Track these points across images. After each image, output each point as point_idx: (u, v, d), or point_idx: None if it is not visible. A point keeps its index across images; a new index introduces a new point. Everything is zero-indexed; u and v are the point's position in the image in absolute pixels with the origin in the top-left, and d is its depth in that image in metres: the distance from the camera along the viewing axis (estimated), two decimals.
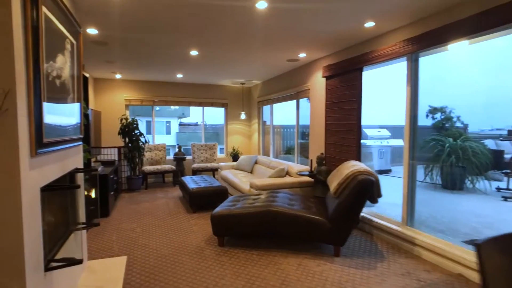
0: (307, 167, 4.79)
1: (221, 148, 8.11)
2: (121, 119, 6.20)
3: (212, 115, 9.52)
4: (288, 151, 8.09)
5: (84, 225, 2.54)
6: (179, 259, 3.00)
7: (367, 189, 2.89)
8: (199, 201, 4.63)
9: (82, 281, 2.45)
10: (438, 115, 7.18)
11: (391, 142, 8.35)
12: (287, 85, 5.87)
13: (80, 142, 2.52)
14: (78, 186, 1.94)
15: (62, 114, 1.98)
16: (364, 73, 3.85)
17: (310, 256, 3.06)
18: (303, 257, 3.04)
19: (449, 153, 5.60)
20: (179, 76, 6.43)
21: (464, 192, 5.48)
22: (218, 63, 5.14)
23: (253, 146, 7.84)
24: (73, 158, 2.33)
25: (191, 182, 5.10)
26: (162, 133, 18.06)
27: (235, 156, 7.47)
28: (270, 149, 7.15)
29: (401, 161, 3.39)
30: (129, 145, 6.09)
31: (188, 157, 7.36)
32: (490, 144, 5.92)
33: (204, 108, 7.78)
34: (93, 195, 4.04)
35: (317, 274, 2.69)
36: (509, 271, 1.28)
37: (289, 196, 3.67)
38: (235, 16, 3.01)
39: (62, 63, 1.99)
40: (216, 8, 2.82)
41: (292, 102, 5.83)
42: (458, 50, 2.91)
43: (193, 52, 4.38)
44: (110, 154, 6.08)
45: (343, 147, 4.13)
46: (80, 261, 1.84)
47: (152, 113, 7.42)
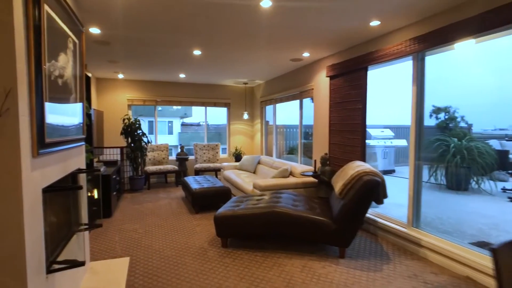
0: (311, 168, 4.76)
1: (224, 148, 8.08)
2: (124, 119, 6.19)
3: (214, 115, 9.49)
4: (291, 151, 8.06)
5: (87, 226, 2.52)
6: (182, 261, 2.97)
7: (373, 190, 2.86)
8: (202, 202, 4.60)
9: (85, 283, 2.43)
10: (442, 115, 7.13)
11: (395, 142, 8.30)
12: (290, 85, 5.83)
13: (83, 142, 2.50)
14: (81, 187, 1.92)
15: (65, 114, 1.96)
16: (368, 73, 3.80)
17: (315, 258, 3.03)
18: (308, 259, 3.00)
19: (454, 154, 5.55)
20: (182, 76, 6.41)
21: (469, 193, 5.43)
22: (221, 63, 5.11)
23: (256, 146, 7.81)
24: (76, 159, 2.31)
25: (194, 183, 5.07)
26: (164, 133, 18.05)
27: (238, 156, 7.44)
28: (273, 149, 7.11)
29: (405, 162, 3.36)
30: (132, 145, 6.08)
31: (191, 157, 7.33)
32: (495, 144, 5.87)
33: (207, 108, 7.76)
34: (96, 196, 4.02)
35: (322, 276, 2.65)
36: None
37: (293, 197, 3.64)
38: (239, 15, 2.98)
39: (65, 62, 1.97)
40: (220, 7, 2.78)
41: (295, 102, 5.79)
42: (465, 49, 2.86)
43: (196, 52, 4.35)
44: (113, 154, 6.06)
45: (347, 147, 4.09)
46: (83, 263, 1.82)
47: (155, 113, 7.40)
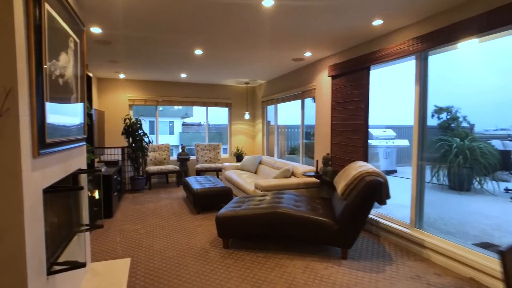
0: (313, 168, 4.73)
1: (225, 148, 8.06)
2: (125, 119, 6.17)
3: (215, 115, 9.47)
4: (293, 151, 8.04)
5: (88, 227, 2.50)
6: (184, 261, 2.95)
7: (376, 191, 2.83)
8: (203, 202, 4.58)
9: (85, 284, 2.41)
10: (444, 115, 7.10)
11: (397, 142, 8.26)
12: (292, 85, 5.81)
13: (84, 143, 2.49)
14: (82, 188, 1.90)
15: (65, 114, 1.94)
16: (370, 73, 3.78)
17: (317, 259, 3.01)
18: (310, 260, 2.98)
19: (457, 154, 5.52)
20: (183, 76, 6.39)
21: (472, 193, 5.40)
22: (223, 63, 5.10)
23: (257, 146, 7.79)
24: (77, 159, 2.29)
25: (195, 183, 5.05)
26: (165, 133, 18.05)
27: (239, 157, 7.43)
28: (275, 149, 7.09)
29: (407, 162, 3.34)
30: (133, 145, 6.07)
31: (192, 157, 7.32)
32: (497, 145, 5.84)
33: (208, 108, 7.75)
34: (97, 196, 4.01)
35: (325, 278, 2.63)
36: None
37: (295, 197, 3.62)
38: (241, 14, 2.96)
39: (66, 62, 1.95)
40: (222, 6, 2.77)
41: (297, 102, 5.77)
42: (468, 49, 2.84)
43: (198, 52, 4.33)
44: (114, 155, 6.05)
45: (350, 148, 4.06)
46: (84, 265, 1.80)
47: (156, 113, 7.39)
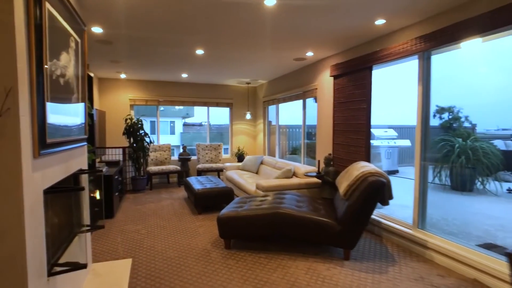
0: (314, 168, 4.71)
1: (226, 148, 8.04)
2: (126, 119, 6.17)
3: (216, 115, 9.47)
4: (294, 152, 8.02)
5: (89, 228, 2.49)
6: (185, 262, 2.93)
7: (378, 191, 2.81)
8: (205, 202, 4.56)
9: (87, 285, 2.40)
10: (446, 115, 7.08)
11: (398, 143, 8.23)
12: (294, 85, 5.79)
13: (85, 143, 2.47)
14: (83, 188, 1.89)
15: (66, 114, 1.93)
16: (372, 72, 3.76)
17: (319, 260, 2.99)
18: (312, 261, 2.96)
19: (459, 154, 5.49)
20: (184, 76, 6.38)
21: (474, 194, 5.37)
22: (224, 62, 5.08)
23: (259, 147, 7.77)
24: (78, 159, 2.28)
25: (196, 183, 5.04)
26: (166, 133, 18.06)
27: (240, 157, 7.41)
28: (276, 150, 7.07)
29: (408, 162, 3.32)
30: (134, 145, 6.05)
31: (193, 158, 7.31)
32: (499, 145, 5.81)
33: (209, 108, 7.73)
34: (98, 197, 3.99)
35: (327, 279, 2.61)
36: None
37: (297, 198, 3.60)
38: (243, 14, 2.94)
39: (66, 61, 1.94)
40: (223, 6, 2.75)
41: (298, 102, 5.75)
42: (471, 48, 2.82)
43: (199, 51, 4.32)
44: (115, 155, 6.04)
45: (352, 148, 4.04)
46: (85, 266, 1.79)
47: (157, 113, 7.38)
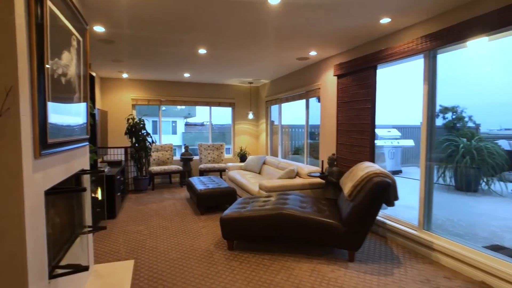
0: (318, 168, 4.68)
1: (228, 148, 8.01)
2: (128, 119, 6.14)
3: (218, 115, 9.44)
4: (296, 152, 7.98)
5: (91, 229, 2.47)
6: (188, 264, 2.90)
7: (384, 192, 2.77)
8: (207, 203, 4.53)
9: (88, 286, 2.37)
10: (449, 115, 7.02)
11: (401, 143, 8.18)
12: (297, 84, 5.75)
13: (87, 143, 2.45)
14: (84, 189, 1.86)
15: (68, 114, 1.90)
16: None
17: (324, 261, 2.95)
18: (317, 262, 2.92)
19: (463, 154, 5.44)
20: (186, 76, 6.35)
21: (479, 194, 5.31)
22: (226, 62, 5.05)
23: (261, 146, 7.74)
24: (80, 159, 2.25)
25: (199, 183, 5.01)
26: (168, 133, 18.06)
27: (243, 157, 7.38)
28: (278, 150, 7.03)
29: (411, 162, 3.27)
30: (136, 145, 6.03)
31: (195, 158, 7.28)
32: (504, 145, 5.75)
33: (211, 108, 7.70)
34: (100, 197, 3.98)
35: (332, 281, 2.58)
36: None
37: (300, 198, 3.56)
38: (246, 13, 2.91)
39: (68, 60, 1.91)
40: (226, 5, 2.71)
41: (301, 102, 5.71)
42: (476, 47, 2.77)
43: (201, 51, 4.29)
44: (117, 155, 6.02)
45: (356, 148, 4.00)
46: (86, 268, 1.76)
47: (159, 113, 7.36)
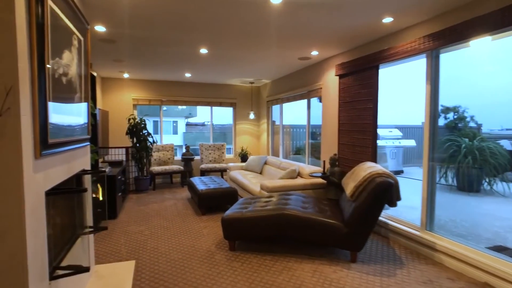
0: (319, 168, 4.66)
1: (229, 148, 8.00)
2: (129, 119, 6.14)
3: (219, 115, 9.40)
4: (298, 152, 7.96)
5: (92, 229, 2.45)
6: (189, 264, 2.89)
7: (386, 192, 2.76)
8: (208, 203, 4.52)
9: (90, 287, 2.36)
10: (451, 115, 7.00)
11: (403, 143, 8.15)
12: (298, 84, 5.74)
13: (88, 143, 2.44)
14: (85, 190, 1.85)
15: (69, 114, 1.89)
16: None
17: (326, 262, 2.93)
18: (319, 263, 2.91)
19: (466, 154, 5.42)
20: (188, 76, 6.34)
21: (482, 194, 5.29)
22: (228, 62, 5.04)
23: (262, 147, 7.72)
24: (80, 159, 2.24)
25: (200, 183, 4.99)
26: (169, 133, 18.06)
27: (244, 157, 7.36)
28: (280, 150, 7.01)
29: (413, 162, 3.25)
30: (137, 145, 6.03)
31: (196, 158, 7.27)
32: (506, 145, 5.73)
33: (212, 108, 7.69)
34: (101, 197, 3.97)
35: (334, 282, 2.56)
36: None
37: (302, 199, 3.54)
38: (247, 12, 2.89)
39: (69, 60, 1.90)
40: (228, 4, 2.70)
41: (302, 102, 5.69)
42: (479, 47, 2.76)
43: (203, 50, 4.27)
44: (118, 155, 6.01)
45: (357, 148, 3.98)
46: (87, 269, 1.75)
47: (160, 113, 7.35)
